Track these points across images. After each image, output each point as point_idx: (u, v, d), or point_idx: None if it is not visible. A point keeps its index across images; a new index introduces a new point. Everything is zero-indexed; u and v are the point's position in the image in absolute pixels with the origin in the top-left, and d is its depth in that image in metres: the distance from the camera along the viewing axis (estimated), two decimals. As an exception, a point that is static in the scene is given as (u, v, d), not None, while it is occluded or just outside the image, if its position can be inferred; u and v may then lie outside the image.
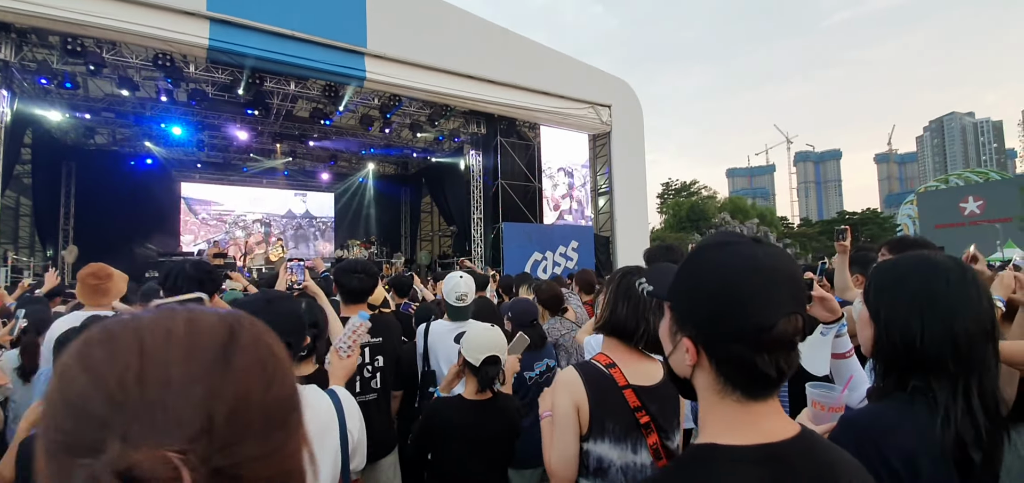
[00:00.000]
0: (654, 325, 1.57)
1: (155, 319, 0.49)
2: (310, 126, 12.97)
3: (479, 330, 2.27)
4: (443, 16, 11.03)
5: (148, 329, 0.48)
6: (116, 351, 0.47)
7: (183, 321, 0.49)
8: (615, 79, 14.26)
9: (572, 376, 1.57)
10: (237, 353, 0.48)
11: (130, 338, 0.47)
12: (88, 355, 0.48)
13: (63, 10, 7.42)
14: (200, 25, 8.29)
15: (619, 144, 14.04)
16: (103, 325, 0.50)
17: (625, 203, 14.12)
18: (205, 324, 0.50)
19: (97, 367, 0.46)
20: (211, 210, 16.36)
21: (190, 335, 0.48)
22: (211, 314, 0.52)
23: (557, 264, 12.98)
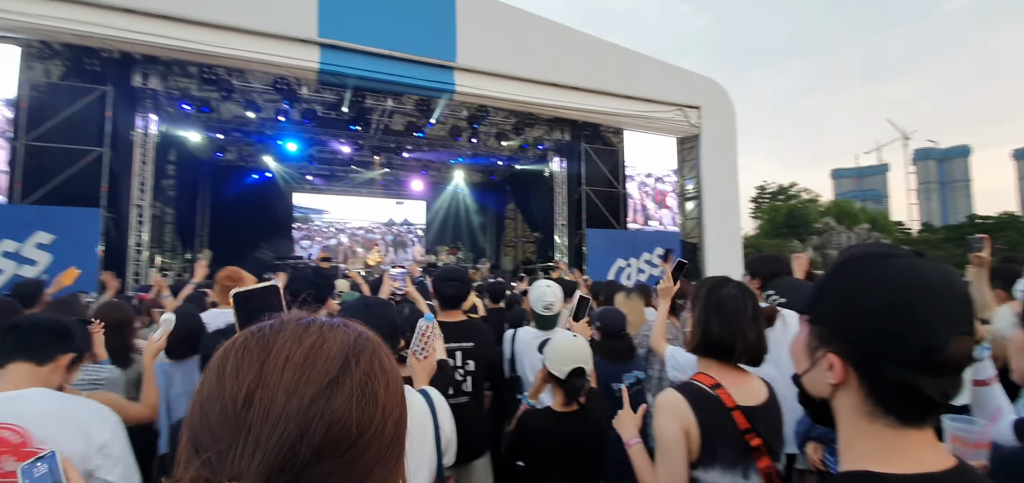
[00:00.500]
0: (752, 338, 1.52)
1: (285, 338, 0.52)
2: (404, 139, 13.85)
3: (563, 341, 2.21)
4: (528, 27, 11.32)
5: (276, 349, 0.51)
6: (242, 366, 0.50)
7: (307, 347, 0.51)
8: (704, 79, 13.75)
9: (677, 400, 1.46)
10: (344, 387, 0.50)
11: (256, 356, 0.51)
12: (224, 363, 0.52)
13: (200, 43, 8.61)
14: (312, 51, 9.23)
15: (709, 146, 13.49)
16: (247, 335, 0.54)
17: (715, 208, 13.52)
18: (325, 354, 0.51)
19: (225, 378, 0.50)
20: (319, 218, 17.97)
21: (306, 364, 0.50)
22: (338, 341, 0.54)
23: (641, 271, 12.73)
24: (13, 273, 7.57)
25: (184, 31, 8.44)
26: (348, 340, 0.54)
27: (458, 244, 17.87)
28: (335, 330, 0.55)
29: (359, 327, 0.59)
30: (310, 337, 0.52)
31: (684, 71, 13.46)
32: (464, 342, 2.78)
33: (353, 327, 0.58)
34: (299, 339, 0.52)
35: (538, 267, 15.13)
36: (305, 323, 0.55)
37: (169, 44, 8.52)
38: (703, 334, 1.57)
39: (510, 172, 17.16)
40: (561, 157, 13.66)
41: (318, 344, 0.52)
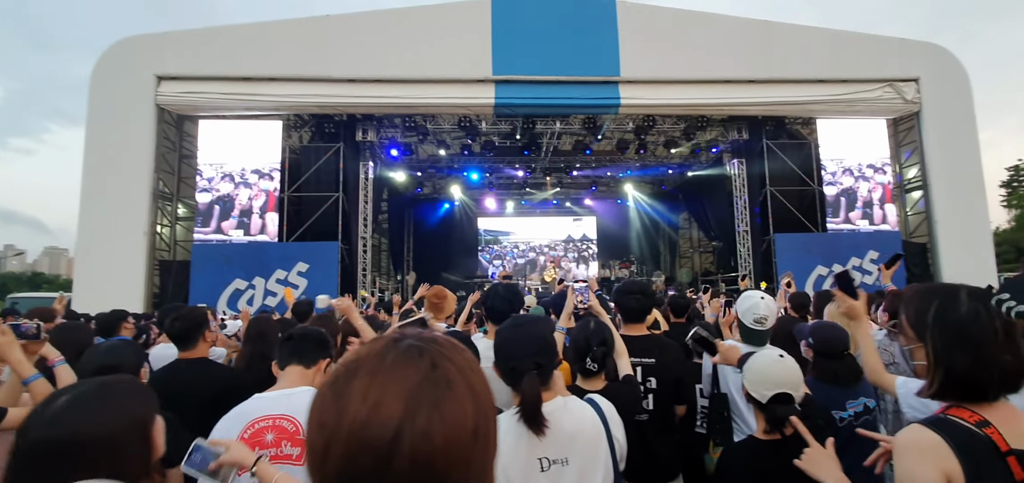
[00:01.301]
0: (1011, 365, 1.21)
1: (396, 364, 0.55)
2: (573, 157, 14.37)
3: (766, 360, 1.92)
4: (693, 25, 10.87)
5: (384, 377, 0.53)
6: (352, 390, 0.53)
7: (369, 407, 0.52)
8: (921, 45, 11.40)
9: (933, 440, 1.19)
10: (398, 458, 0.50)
11: (365, 381, 0.53)
12: (340, 381, 0.55)
13: (403, 98, 10.29)
14: (488, 88, 10.29)
15: (934, 125, 11.11)
16: (358, 357, 0.57)
17: (949, 199, 11.00)
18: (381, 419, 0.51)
19: (340, 396, 0.53)
20: (500, 239, 19.56)
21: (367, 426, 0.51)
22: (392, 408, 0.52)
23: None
24: (283, 295, 9.95)
25: (392, 89, 10.21)
26: (410, 387, 0.53)
27: (631, 257, 17.66)
28: (403, 372, 0.54)
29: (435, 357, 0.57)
30: (373, 393, 0.52)
31: (892, 39, 11.38)
32: (646, 358, 2.65)
33: (426, 361, 0.56)
34: (364, 395, 0.52)
35: (720, 278, 14.14)
36: (374, 370, 0.55)
37: (381, 102, 10.38)
38: (946, 375, 1.24)
39: (682, 180, 16.44)
40: (739, 158, 12.65)
41: (379, 401, 0.52)
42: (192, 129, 11.03)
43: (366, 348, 0.58)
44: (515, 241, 19.49)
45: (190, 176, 10.98)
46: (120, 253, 9.56)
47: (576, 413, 1.58)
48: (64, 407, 1.02)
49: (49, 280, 61.05)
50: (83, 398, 1.05)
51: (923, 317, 1.28)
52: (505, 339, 1.64)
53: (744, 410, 2.59)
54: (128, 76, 9.95)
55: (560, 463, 1.47)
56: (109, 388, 1.11)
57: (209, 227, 10.40)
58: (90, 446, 0.99)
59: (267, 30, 10.48)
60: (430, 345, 0.58)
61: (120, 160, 9.79)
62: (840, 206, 11.52)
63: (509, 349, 1.60)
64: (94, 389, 1.09)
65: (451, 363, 0.57)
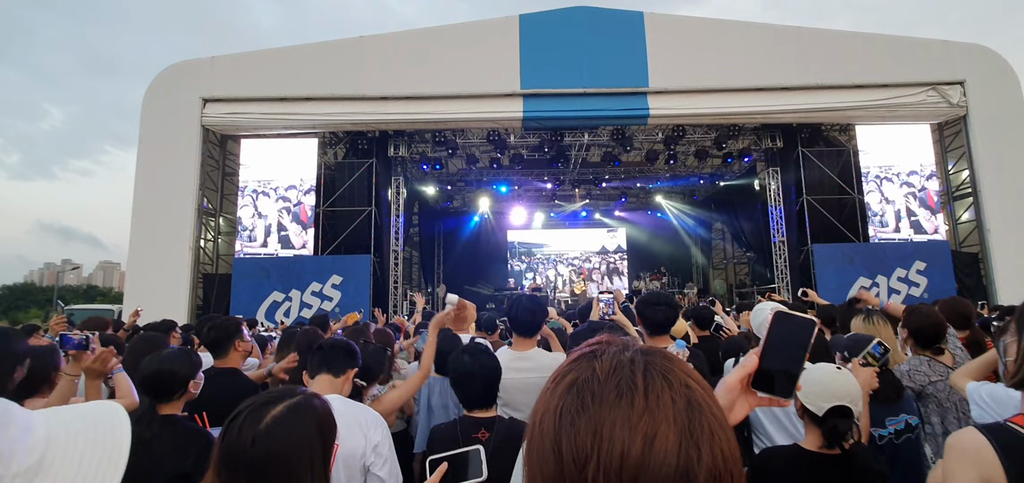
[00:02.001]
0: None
1: (651, 391, 0.52)
2: (602, 169, 14.31)
3: (826, 373, 1.86)
4: (723, 34, 10.74)
5: (643, 403, 0.51)
6: (611, 418, 0.50)
7: (640, 441, 0.49)
8: (966, 46, 10.93)
9: (978, 442, 1.16)
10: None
11: (625, 410, 0.50)
12: (589, 403, 0.52)
13: (433, 113, 10.51)
14: (516, 102, 10.40)
15: (983, 129, 10.59)
16: (594, 374, 0.55)
17: (1002, 205, 10.43)
18: (659, 452, 0.49)
19: (595, 422, 0.50)
20: (528, 251, 19.59)
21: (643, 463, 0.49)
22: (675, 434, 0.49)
23: (895, 291, 10.53)
24: (318, 306, 10.21)
25: (422, 106, 10.45)
26: (680, 416, 0.50)
27: (662, 269, 17.39)
28: (663, 402, 0.51)
29: (685, 379, 0.55)
30: (640, 420, 0.49)
31: (933, 42, 10.94)
32: None
33: (679, 386, 0.53)
34: (629, 421, 0.49)
35: (755, 290, 13.76)
36: (627, 394, 0.51)
37: (412, 118, 10.63)
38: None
39: (714, 190, 16.16)
40: (773, 167, 12.35)
41: (650, 432, 0.48)
42: (234, 148, 11.55)
43: (589, 365, 0.55)
44: (550, 253, 19.48)
45: (232, 192, 11.47)
46: (167, 267, 10.05)
47: None
48: (276, 419, 1.08)
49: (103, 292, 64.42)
50: (282, 419, 1.10)
51: (1021, 317, 1.30)
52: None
53: (768, 427, 2.53)
54: (176, 99, 10.52)
55: None
56: (299, 410, 1.14)
57: (249, 241, 10.82)
58: (289, 460, 1.06)
59: (304, 52, 10.92)
60: (666, 362, 0.56)
61: (168, 178, 10.33)
62: (883, 215, 11.08)
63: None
64: (291, 411, 1.12)
65: (699, 385, 0.55)
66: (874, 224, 11.08)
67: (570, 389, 0.53)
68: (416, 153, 12.90)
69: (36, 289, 56.14)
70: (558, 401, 0.53)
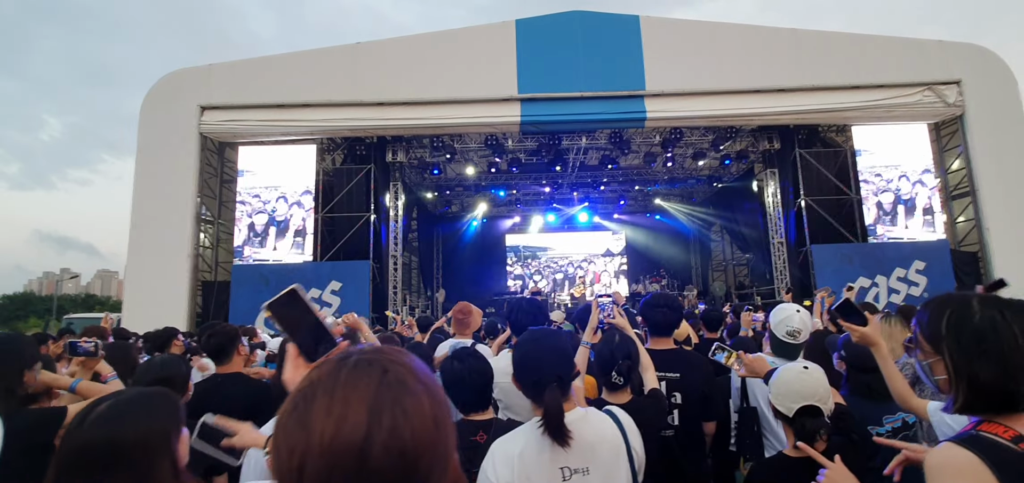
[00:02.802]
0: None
1: (351, 378, 0.59)
2: (600, 172, 14.34)
3: (791, 373, 1.87)
4: (718, 37, 10.80)
5: (342, 390, 0.58)
6: (315, 410, 0.58)
7: (336, 419, 0.56)
8: (962, 46, 10.99)
9: (968, 460, 1.10)
10: (374, 449, 0.55)
11: (326, 400, 0.58)
12: (301, 405, 0.59)
13: (431, 119, 10.53)
14: (514, 107, 10.43)
15: (980, 128, 10.63)
16: (312, 381, 0.61)
17: (1000, 203, 10.46)
18: (350, 423, 0.56)
19: (304, 418, 0.57)
20: (527, 255, 19.60)
21: (338, 439, 0.56)
22: (362, 400, 0.57)
23: (895, 291, 10.55)
24: (318, 312, 10.20)
25: (420, 111, 10.48)
26: (370, 394, 0.57)
27: (662, 272, 17.39)
28: (358, 386, 0.58)
29: (385, 365, 0.61)
30: (336, 409, 0.56)
31: (929, 42, 11.00)
32: (670, 372, 2.59)
33: (377, 370, 0.60)
34: (328, 411, 0.56)
35: (755, 291, 13.77)
36: (330, 389, 0.58)
37: (410, 123, 10.66)
38: (969, 388, 1.15)
39: (712, 192, 16.19)
40: (771, 168, 12.38)
41: (343, 415, 0.56)
42: (232, 155, 11.56)
43: (316, 371, 0.62)
44: (553, 256, 19.49)
45: (230, 200, 11.48)
46: (166, 275, 10.04)
47: (595, 424, 1.60)
48: (103, 413, 1.10)
49: (101, 301, 64.28)
50: (120, 405, 1.13)
51: (937, 328, 1.21)
52: (525, 353, 1.66)
53: (775, 425, 2.52)
54: (174, 107, 10.54)
55: (581, 472, 1.49)
56: (145, 397, 1.20)
57: (248, 248, 10.82)
58: (125, 449, 1.07)
59: (301, 59, 10.95)
60: (376, 355, 0.63)
61: (166, 186, 10.33)
62: (881, 215, 11.10)
63: (529, 363, 1.62)
64: (132, 397, 1.18)
65: (400, 366, 0.62)
66: (884, 223, 11.06)
67: (292, 398, 0.61)
68: (414, 158, 12.92)
69: (36, 299, 56.02)
70: (284, 409, 0.60)
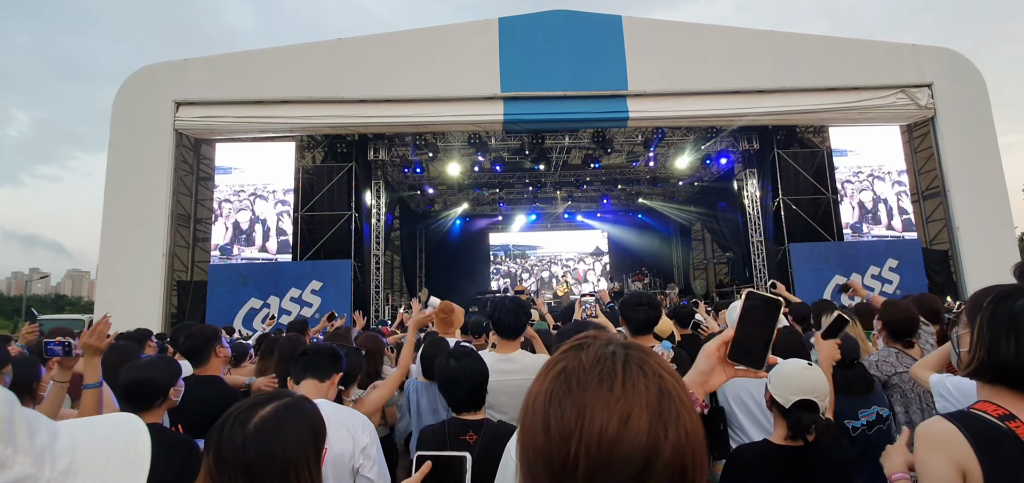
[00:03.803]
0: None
1: (630, 378, 0.59)
2: (583, 171, 14.39)
3: (795, 367, 1.93)
4: (700, 38, 10.91)
5: (623, 388, 0.58)
6: (594, 400, 0.58)
7: (616, 422, 0.56)
8: (933, 50, 11.30)
9: (949, 431, 1.18)
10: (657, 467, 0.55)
11: (606, 393, 0.58)
12: (575, 389, 0.59)
13: (413, 116, 10.42)
14: (497, 105, 10.39)
15: (950, 130, 10.94)
16: (581, 364, 0.62)
17: (970, 204, 10.79)
18: (632, 432, 0.55)
19: (579, 405, 0.57)
20: (510, 254, 19.59)
21: (618, 443, 0.56)
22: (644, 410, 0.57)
23: (870, 288, 10.75)
24: (298, 313, 10.02)
25: (402, 109, 10.36)
26: (652, 401, 0.57)
27: (644, 270, 17.54)
28: (638, 389, 0.57)
29: (660, 371, 0.61)
30: (619, 407, 0.56)
31: (902, 46, 11.28)
32: None
33: (653, 376, 0.59)
34: (609, 407, 0.56)
35: (735, 289, 13.97)
36: (607, 380, 0.58)
37: (392, 121, 10.54)
38: (989, 355, 1.22)
39: (694, 191, 16.37)
40: (750, 168, 12.58)
41: (625, 414, 0.55)
42: (209, 152, 11.30)
43: (576, 356, 0.62)
44: (523, 256, 19.50)
45: (207, 198, 11.22)
46: (139, 275, 9.76)
47: None
48: (260, 426, 1.06)
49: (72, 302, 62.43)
50: (279, 418, 1.09)
51: (979, 302, 1.28)
52: None
53: (744, 422, 2.58)
54: (148, 102, 10.25)
55: None
56: (291, 410, 1.14)
57: (225, 247, 10.59)
58: (281, 464, 1.05)
59: (281, 55, 10.75)
60: (642, 355, 0.62)
61: (140, 184, 10.05)
62: (856, 214, 11.36)
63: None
64: (287, 407, 1.13)
65: (672, 376, 0.61)
66: (868, 222, 11.29)
67: (559, 376, 0.60)
68: (396, 157, 12.80)
69: (3, 299, 54.12)
70: (549, 385, 0.60)
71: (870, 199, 11.40)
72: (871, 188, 11.44)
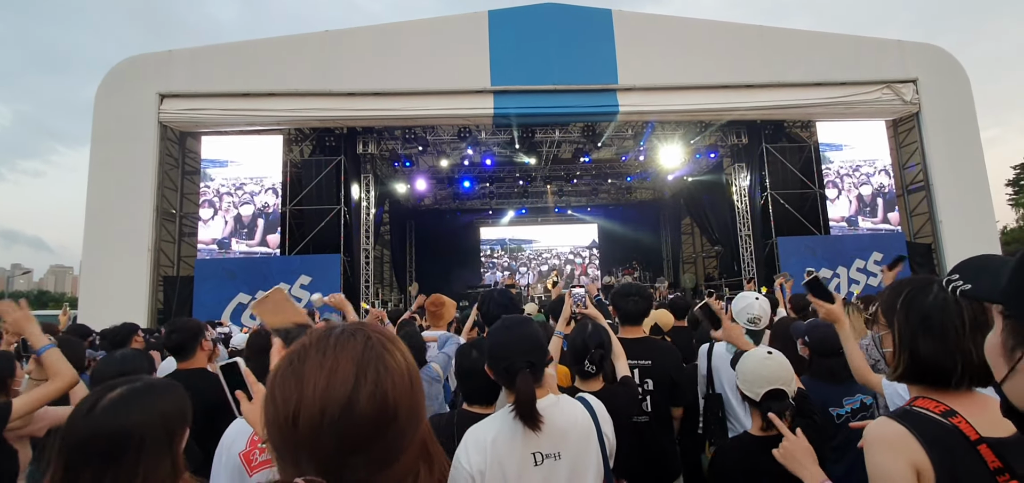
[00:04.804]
0: (978, 354, 1.15)
1: (339, 341, 0.72)
2: (573, 165, 14.40)
3: (756, 359, 1.95)
4: (689, 32, 10.95)
5: (333, 351, 0.70)
6: (308, 366, 0.69)
7: (327, 372, 0.68)
8: (918, 46, 11.45)
9: (899, 432, 1.17)
10: (361, 398, 0.66)
11: (318, 358, 0.70)
12: (295, 362, 0.70)
13: (402, 110, 10.36)
14: (487, 99, 10.35)
15: (934, 125, 11.11)
16: (305, 344, 0.72)
17: (952, 198, 10.97)
18: (341, 375, 0.68)
19: (298, 373, 0.69)
20: (501, 248, 19.58)
21: (329, 389, 0.67)
22: (350, 358, 0.69)
23: (855, 281, 10.95)
24: (287, 307, 9.94)
25: (391, 102, 10.29)
26: (357, 353, 0.69)
27: (634, 263, 17.63)
28: (347, 348, 0.69)
29: (367, 333, 0.73)
30: (327, 363, 0.67)
31: (888, 42, 11.41)
32: (642, 360, 2.66)
33: (361, 337, 0.72)
34: (320, 366, 0.67)
35: (724, 282, 14.10)
36: (322, 350, 0.69)
37: (381, 115, 10.46)
38: (910, 358, 1.23)
39: (683, 185, 16.46)
40: (739, 162, 12.67)
41: (333, 368, 0.66)
42: (195, 145, 11.13)
43: (307, 338, 0.72)
44: (514, 249, 19.52)
45: (193, 192, 11.06)
46: (124, 270, 9.62)
47: (567, 410, 1.61)
48: (115, 400, 1.07)
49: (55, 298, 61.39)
50: (133, 395, 1.10)
51: (892, 303, 1.28)
52: (497, 340, 1.66)
53: (739, 409, 2.61)
54: (131, 95, 10.07)
55: (553, 457, 1.49)
56: (158, 388, 1.17)
57: (212, 242, 10.46)
58: (132, 439, 1.05)
59: (268, 47, 10.61)
60: (359, 327, 0.74)
61: (124, 178, 9.88)
62: (842, 208, 11.50)
63: (501, 350, 1.61)
64: (144, 386, 1.14)
65: (380, 334, 0.74)
66: (833, 217, 11.46)
67: (286, 357, 0.71)
68: (386, 150, 12.71)
69: (-18, 296, 53.14)
70: (278, 366, 0.71)
71: (855, 193, 11.56)
72: (869, 181, 11.59)
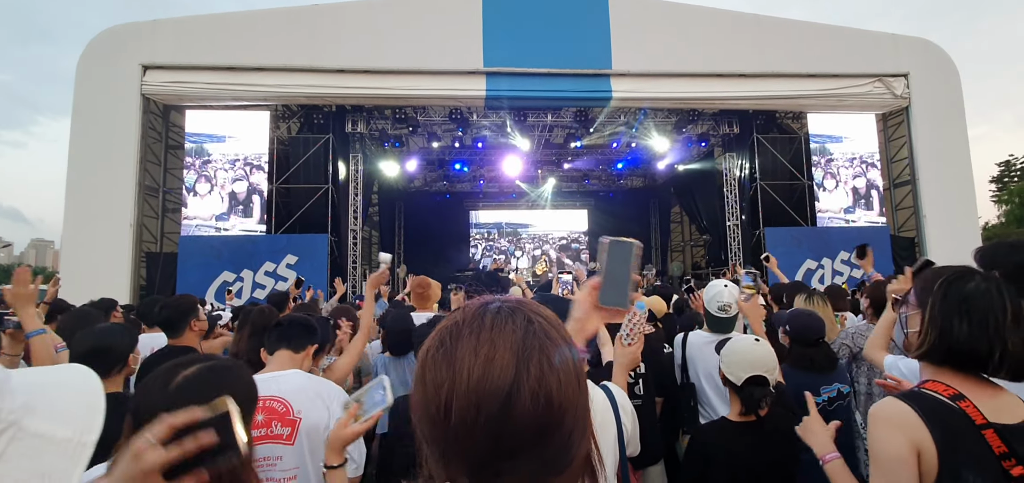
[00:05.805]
0: (1018, 346, 1.18)
1: (497, 323, 0.63)
2: (564, 150, 14.34)
3: (742, 345, 2.00)
4: (685, 19, 10.86)
5: (488, 334, 0.62)
6: (461, 350, 0.62)
7: (482, 361, 0.61)
8: (911, 40, 11.50)
9: (902, 410, 1.19)
10: (521, 397, 0.59)
11: (472, 342, 0.62)
12: (447, 344, 0.63)
13: (393, 89, 10.19)
14: (479, 80, 10.22)
15: (923, 120, 11.21)
16: (456, 322, 0.66)
17: (937, 194, 11.12)
18: (498, 366, 0.60)
19: (450, 356, 0.62)
20: (491, 232, 19.54)
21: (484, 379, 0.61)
22: (508, 346, 0.61)
23: (838, 273, 11.09)
24: (272, 287, 9.85)
25: (381, 81, 10.11)
26: (516, 340, 0.60)
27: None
28: (505, 332, 0.61)
29: (528, 314, 0.64)
30: (483, 350, 0.59)
31: (882, 35, 11.45)
32: None
33: (521, 319, 0.63)
34: (475, 352, 0.60)
35: (710, 271, 14.22)
36: (476, 330, 0.62)
37: (371, 93, 10.29)
38: (940, 337, 1.22)
39: (673, 173, 16.49)
40: (729, 152, 12.70)
41: (490, 356, 0.59)
42: (179, 119, 10.89)
43: (459, 314, 0.66)
44: (503, 233, 19.50)
45: (177, 167, 10.84)
46: (106, 245, 9.44)
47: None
48: (193, 378, 1.05)
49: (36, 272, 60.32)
50: (213, 373, 1.08)
51: (929, 286, 1.28)
52: None
53: (714, 398, 2.66)
54: (113, 66, 9.79)
55: None
56: (235, 370, 1.16)
57: (197, 219, 10.29)
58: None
59: (255, 19, 10.35)
60: (519, 304, 0.66)
61: (105, 151, 9.65)
62: (829, 200, 11.61)
63: None
64: (222, 366, 1.13)
65: (543, 317, 0.65)
66: (821, 209, 11.57)
67: (437, 335, 0.65)
68: (375, 130, 12.53)
69: (-40, 268, 51.99)
70: (428, 345, 0.65)
71: (843, 186, 11.66)
72: (845, 175, 11.69)
